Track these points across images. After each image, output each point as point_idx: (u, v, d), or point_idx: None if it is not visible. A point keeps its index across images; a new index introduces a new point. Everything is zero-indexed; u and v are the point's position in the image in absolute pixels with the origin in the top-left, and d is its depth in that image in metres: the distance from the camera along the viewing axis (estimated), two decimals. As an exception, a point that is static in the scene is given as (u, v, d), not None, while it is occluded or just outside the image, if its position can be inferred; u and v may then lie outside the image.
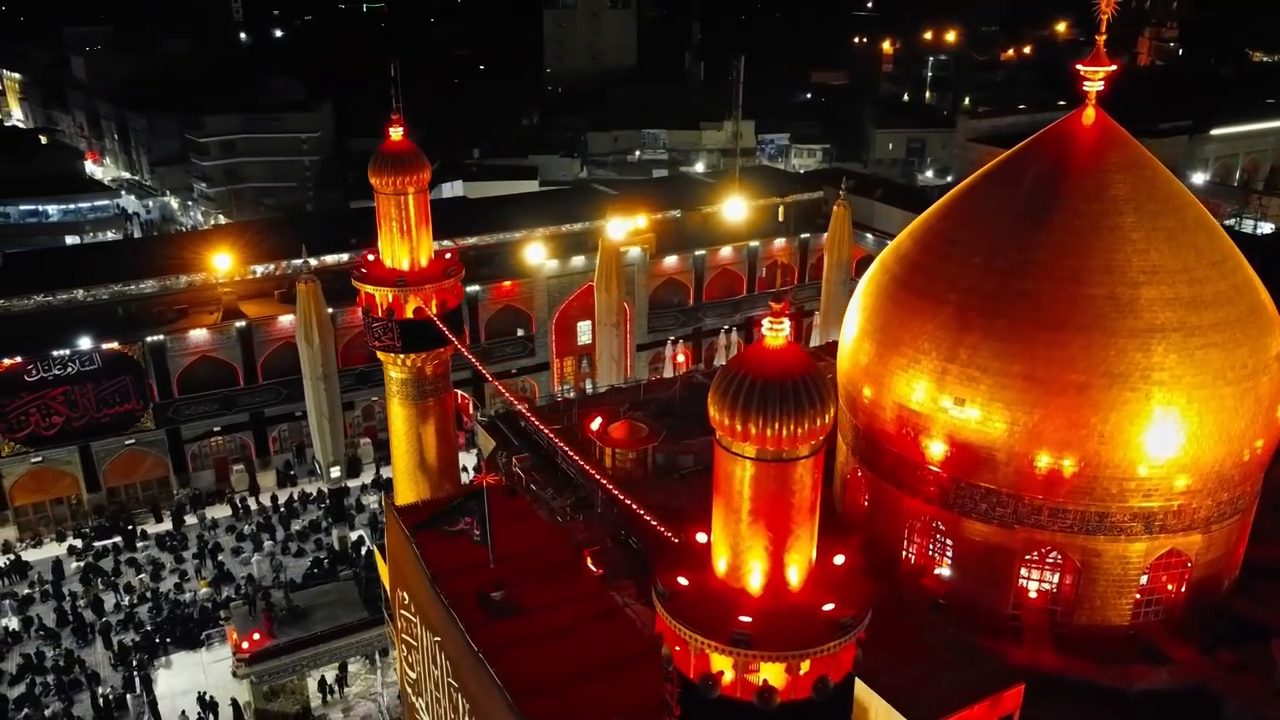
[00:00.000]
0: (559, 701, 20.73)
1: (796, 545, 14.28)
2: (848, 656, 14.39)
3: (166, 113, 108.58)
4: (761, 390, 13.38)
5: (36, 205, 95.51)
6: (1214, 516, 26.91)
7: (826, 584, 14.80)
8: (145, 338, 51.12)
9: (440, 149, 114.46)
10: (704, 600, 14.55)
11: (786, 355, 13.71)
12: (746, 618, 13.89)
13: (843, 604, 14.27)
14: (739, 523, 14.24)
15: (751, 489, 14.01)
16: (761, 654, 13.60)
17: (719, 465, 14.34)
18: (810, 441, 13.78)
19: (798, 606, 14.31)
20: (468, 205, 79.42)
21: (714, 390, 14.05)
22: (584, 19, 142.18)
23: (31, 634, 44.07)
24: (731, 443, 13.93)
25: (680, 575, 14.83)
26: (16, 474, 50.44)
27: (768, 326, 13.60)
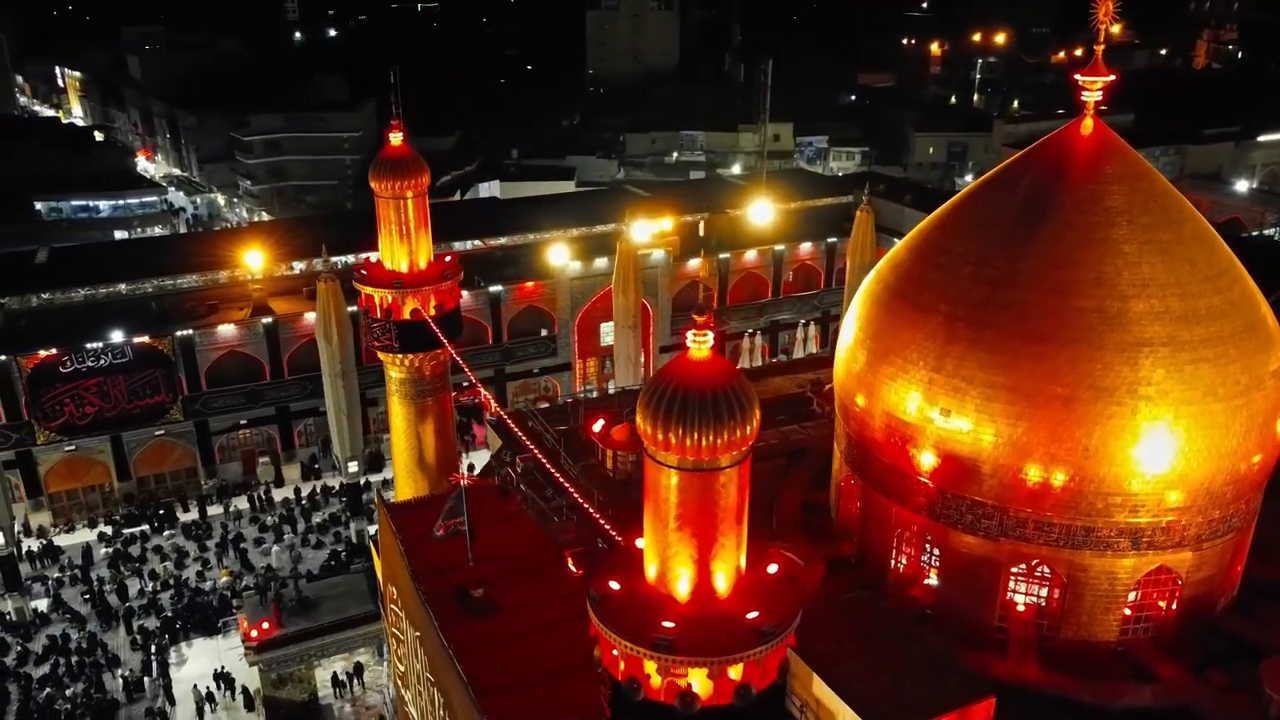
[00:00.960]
0: (523, 700, 21.05)
1: (722, 553, 14.51)
2: (773, 664, 14.56)
3: (214, 111, 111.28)
4: (683, 402, 13.64)
5: (88, 201, 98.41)
6: (1205, 534, 26.50)
7: (755, 592, 14.99)
8: (175, 332, 52.56)
9: (480, 149, 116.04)
10: (633, 605, 14.84)
11: (710, 368, 13.94)
12: (669, 623, 14.15)
13: (768, 613, 14.47)
14: (666, 530, 14.50)
15: (677, 498, 14.27)
16: (681, 659, 13.86)
17: (647, 474, 14.61)
18: (732, 451, 14.00)
19: (723, 614, 14.53)
20: (498, 205, 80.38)
21: (640, 402, 14.33)
22: (626, 20, 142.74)
23: (59, 616, 45.57)
24: (657, 452, 14.19)
25: (612, 580, 15.13)
26: (51, 461, 52.22)
27: (691, 339, 13.85)
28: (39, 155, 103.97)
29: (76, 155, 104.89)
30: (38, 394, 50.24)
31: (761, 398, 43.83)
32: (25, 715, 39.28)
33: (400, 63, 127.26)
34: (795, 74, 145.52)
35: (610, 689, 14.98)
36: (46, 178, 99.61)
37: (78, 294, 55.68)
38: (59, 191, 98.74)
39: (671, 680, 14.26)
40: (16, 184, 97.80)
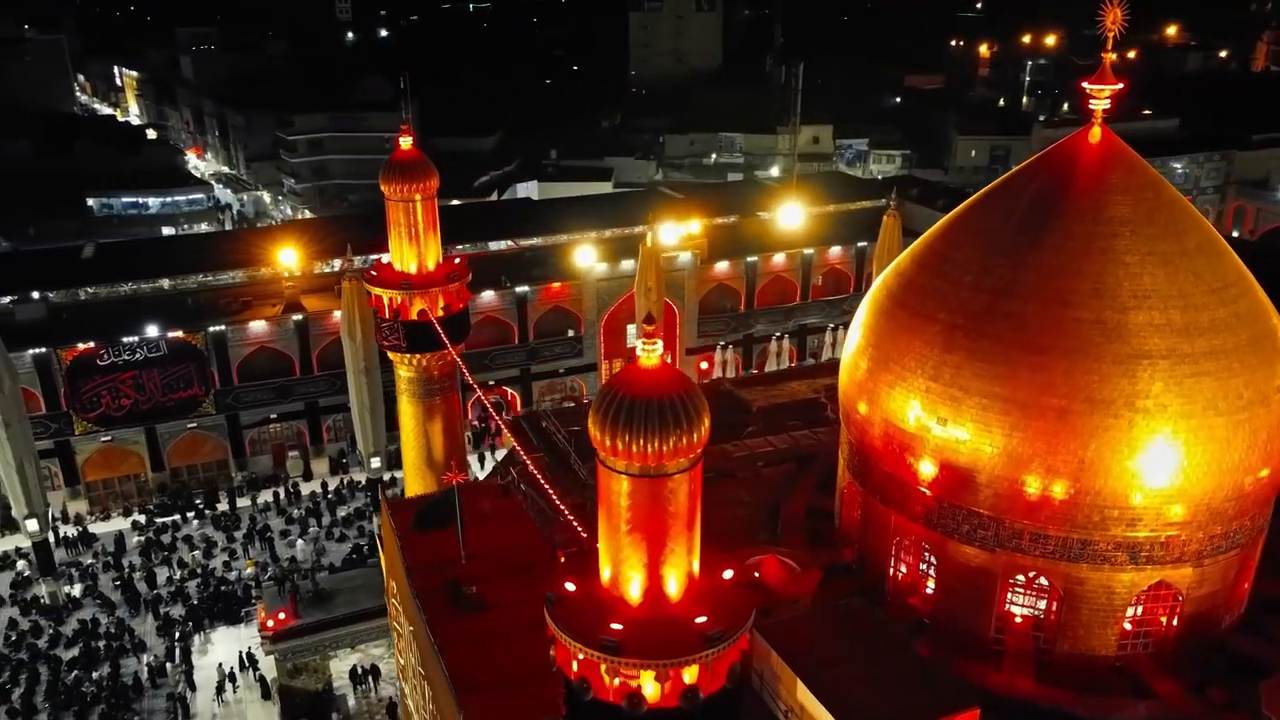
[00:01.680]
0: (502, 699, 21.45)
1: (672, 557, 14.73)
2: (721, 669, 14.75)
3: (261, 111, 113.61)
4: (631, 409, 13.89)
5: (137, 198, 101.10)
6: (1206, 550, 26.10)
7: (707, 597, 15.20)
8: (208, 327, 53.92)
9: (520, 149, 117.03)
10: (587, 606, 15.13)
11: (659, 376, 14.18)
12: (618, 625, 14.42)
13: (717, 618, 14.67)
14: (618, 535, 14.76)
15: (628, 503, 14.52)
16: (626, 661, 14.11)
17: (600, 480, 14.87)
18: (681, 458, 14.23)
19: (672, 617, 14.76)
20: (530, 206, 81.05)
21: (592, 409, 14.60)
22: (669, 21, 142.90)
23: (90, 601, 47.01)
24: (607, 458, 14.46)
25: (569, 581, 15.43)
26: (88, 451, 53.87)
27: (641, 347, 14.10)
28: (93, 153, 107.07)
29: (128, 153, 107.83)
30: (76, 386, 51.87)
31: (776, 402, 43.99)
32: (54, 695, 40.61)
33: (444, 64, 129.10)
34: (840, 76, 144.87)
35: (564, 689, 15.27)
36: (99, 175, 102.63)
37: (117, 289, 57.37)
38: (110, 188, 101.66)
39: (624, 681, 14.51)
40: (71, 181, 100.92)
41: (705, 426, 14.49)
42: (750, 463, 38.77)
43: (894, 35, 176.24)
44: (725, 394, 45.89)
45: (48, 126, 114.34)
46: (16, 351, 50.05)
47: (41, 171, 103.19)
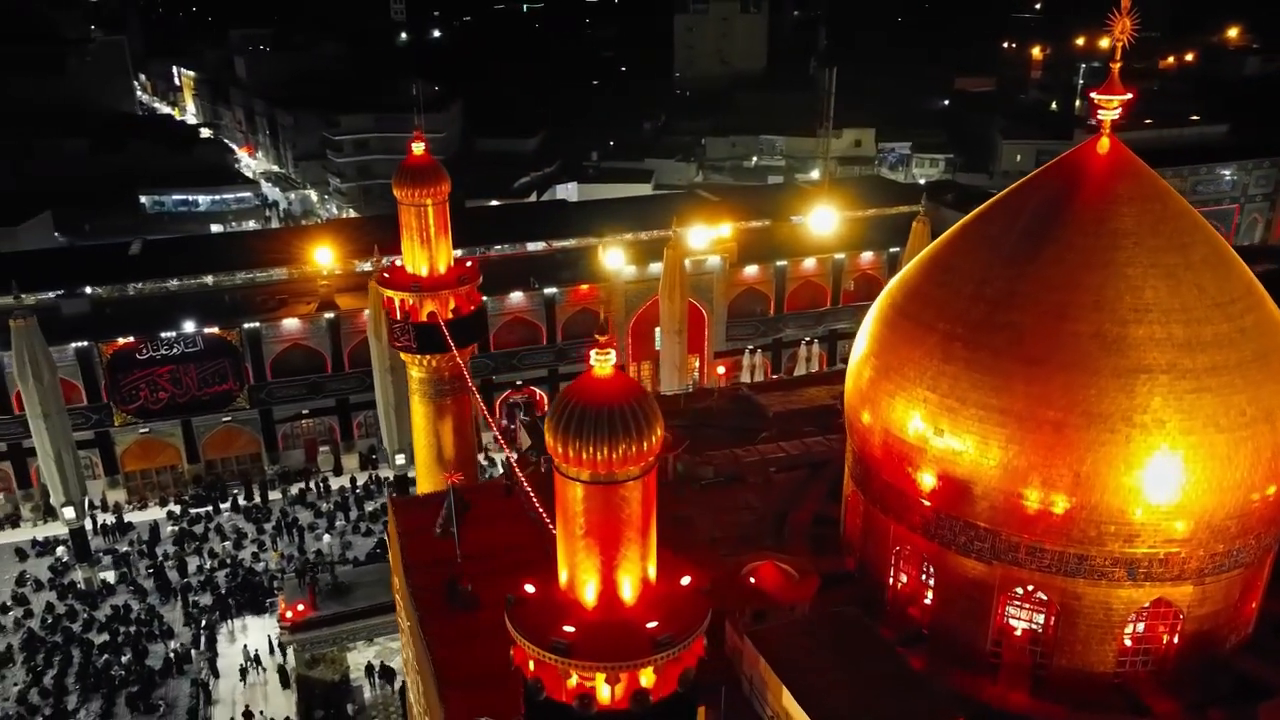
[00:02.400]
0: (485, 696, 21.87)
1: (626, 563, 15.03)
2: (673, 674, 15.02)
3: (310, 111, 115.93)
4: (582, 417, 14.23)
5: (188, 195, 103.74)
6: (1208, 568, 25.68)
7: (662, 603, 15.48)
8: (243, 324, 55.31)
9: (562, 150, 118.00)
10: (545, 609, 15.50)
11: (612, 385, 14.50)
12: (570, 628, 14.77)
13: (668, 623, 14.94)
14: (574, 540, 15.11)
15: (582, 509, 14.85)
16: (573, 662, 14.46)
17: (556, 486, 15.22)
18: (633, 465, 14.52)
19: (624, 622, 15.06)
20: (564, 208, 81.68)
21: (549, 417, 14.95)
22: (714, 23, 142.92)
23: (124, 588, 48.52)
24: (563, 465, 14.81)
25: (529, 584, 15.81)
26: (127, 442, 55.58)
27: (594, 357, 14.42)
28: (146, 151, 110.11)
29: (180, 152, 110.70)
30: (116, 378, 53.56)
31: (793, 407, 43.92)
32: (84, 677, 42.04)
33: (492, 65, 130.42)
34: (888, 78, 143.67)
35: (522, 688, 15.66)
36: (152, 172, 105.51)
37: (160, 285, 59.06)
38: (162, 186, 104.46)
39: (580, 683, 14.85)
40: (125, 178, 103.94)
41: (657, 435, 14.77)
42: (761, 468, 38.85)
43: (946, 36, 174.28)
44: (742, 398, 45.98)
45: (105, 125, 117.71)
46: (60, 345, 51.97)
47: (97, 169, 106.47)
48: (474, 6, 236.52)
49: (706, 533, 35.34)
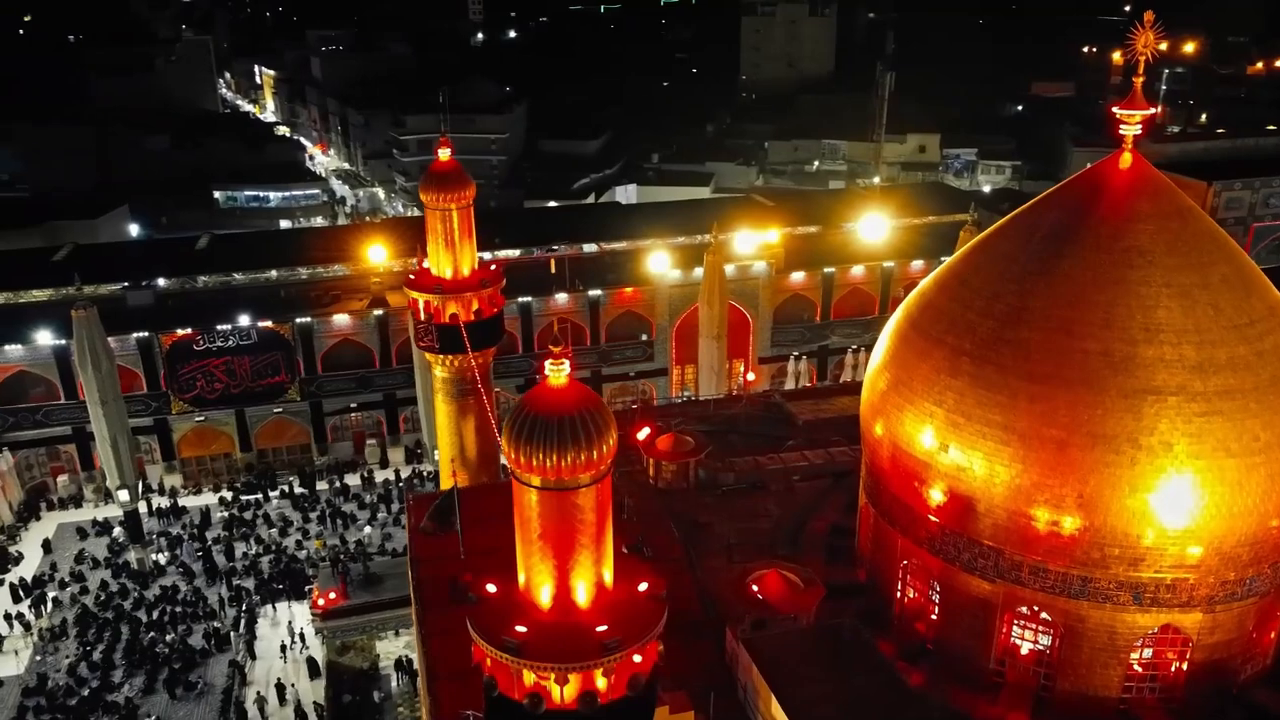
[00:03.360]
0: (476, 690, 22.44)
1: (579, 567, 15.43)
2: (622, 678, 15.38)
3: (379, 111, 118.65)
4: (534, 425, 14.68)
5: (259, 191, 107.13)
6: (1218, 596, 25.09)
7: (616, 608, 15.84)
8: (295, 319, 57.10)
9: (624, 152, 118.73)
10: (504, 609, 15.99)
11: (566, 394, 14.90)
12: (522, 628, 15.23)
13: (618, 628, 15.31)
14: (530, 544, 15.57)
15: (537, 514, 15.30)
16: (523, 662, 14.92)
17: (514, 491, 15.67)
18: (585, 473, 14.90)
19: (576, 624, 15.47)
20: (616, 210, 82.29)
21: (506, 425, 15.42)
22: (782, 26, 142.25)
23: (173, 569, 50.53)
24: (517, 471, 15.28)
25: (491, 584, 16.33)
26: (184, 430, 57.82)
27: (549, 367, 14.86)
28: (222, 148, 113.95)
29: (253, 149, 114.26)
30: (174, 368, 55.78)
31: (823, 416, 43.84)
32: (130, 653, 43.96)
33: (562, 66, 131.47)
34: (959, 82, 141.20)
35: (483, 685, 16.19)
36: (226, 168, 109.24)
37: (219, 279, 61.30)
38: (235, 182, 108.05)
39: (537, 681, 15.32)
40: (201, 174, 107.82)
41: (610, 443, 15.13)
42: (784, 476, 38.88)
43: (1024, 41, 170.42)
44: (773, 406, 45.98)
45: (185, 122, 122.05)
46: (123, 334, 54.38)
47: (176, 165, 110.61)
48: (551, 7, 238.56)
49: (723, 538, 35.62)
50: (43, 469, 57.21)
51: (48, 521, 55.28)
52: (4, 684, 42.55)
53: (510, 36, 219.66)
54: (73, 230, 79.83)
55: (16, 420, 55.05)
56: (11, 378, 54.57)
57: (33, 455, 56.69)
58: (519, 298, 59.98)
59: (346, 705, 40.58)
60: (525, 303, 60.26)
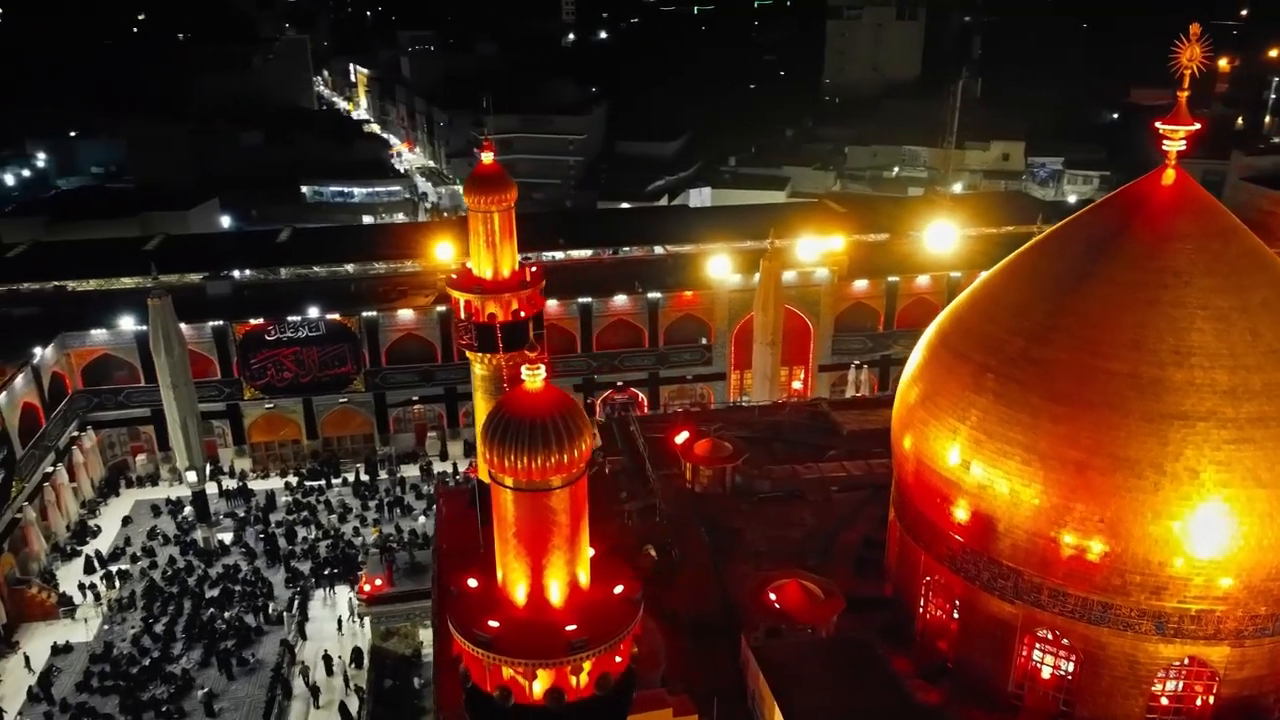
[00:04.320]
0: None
1: (552, 567, 15.84)
2: (590, 678, 15.73)
3: (462, 110, 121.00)
4: (509, 427, 15.15)
5: (344, 187, 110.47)
6: (1247, 630, 24.27)
7: (589, 608, 16.21)
8: (362, 312, 58.90)
9: (703, 155, 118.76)
10: (481, 603, 16.52)
11: (541, 398, 15.32)
12: (495, 623, 15.73)
13: (587, 628, 15.68)
14: (506, 543, 16.06)
15: (513, 514, 15.77)
16: (491, 656, 15.41)
17: (492, 491, 16.16)
18: (559, 475, 15.31)
19: (548, 623, 15.88)
20: (686, 213, 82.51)
21: (483, 427, 15.92)
22: (867, 30, 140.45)
23: (237, 549, 52.63)
24: (494, 472, 15.77)
25: (472, 578, 16.89)
26: (254, 416, 60.14)
27: (525, 372, 15.31)
28: (312, 144, 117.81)
29: (341, 146, 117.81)
30: (246, 357, 58.08)
31: (868, 427, 43.51)
32: (190, 628, 46.03)
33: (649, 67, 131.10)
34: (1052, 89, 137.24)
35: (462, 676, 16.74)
36: (315, 164, 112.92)
37: (296, 271, 63.60)
38: (322, 177, 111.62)
39: (513, 676, 15.80)
40: (291, 169, 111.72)
41: (584, 446, 15.49)
42: (822, 486, 38.74)
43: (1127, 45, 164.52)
44: (819, 415, 45.79)
45: (279, 119, 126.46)
46: (200, 322, 56.94)
47: (268, 160, 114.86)
48: (643, 8, 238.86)
49: (753, 545, 35.70)
50: (123, 448, 60.21)
51: (126, 498, 58.15)
52: (74, 649, 44.98)
53: (601, 37, 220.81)
54: (165, 221, 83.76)
55: (100, 401, 58.08)
56: (97, 360, 57.58)
57: (114, 435, 59.71)
58: (579, 298, 60.79)
59: (388, 689, 41.79)
60: (585, 303, 60.99)
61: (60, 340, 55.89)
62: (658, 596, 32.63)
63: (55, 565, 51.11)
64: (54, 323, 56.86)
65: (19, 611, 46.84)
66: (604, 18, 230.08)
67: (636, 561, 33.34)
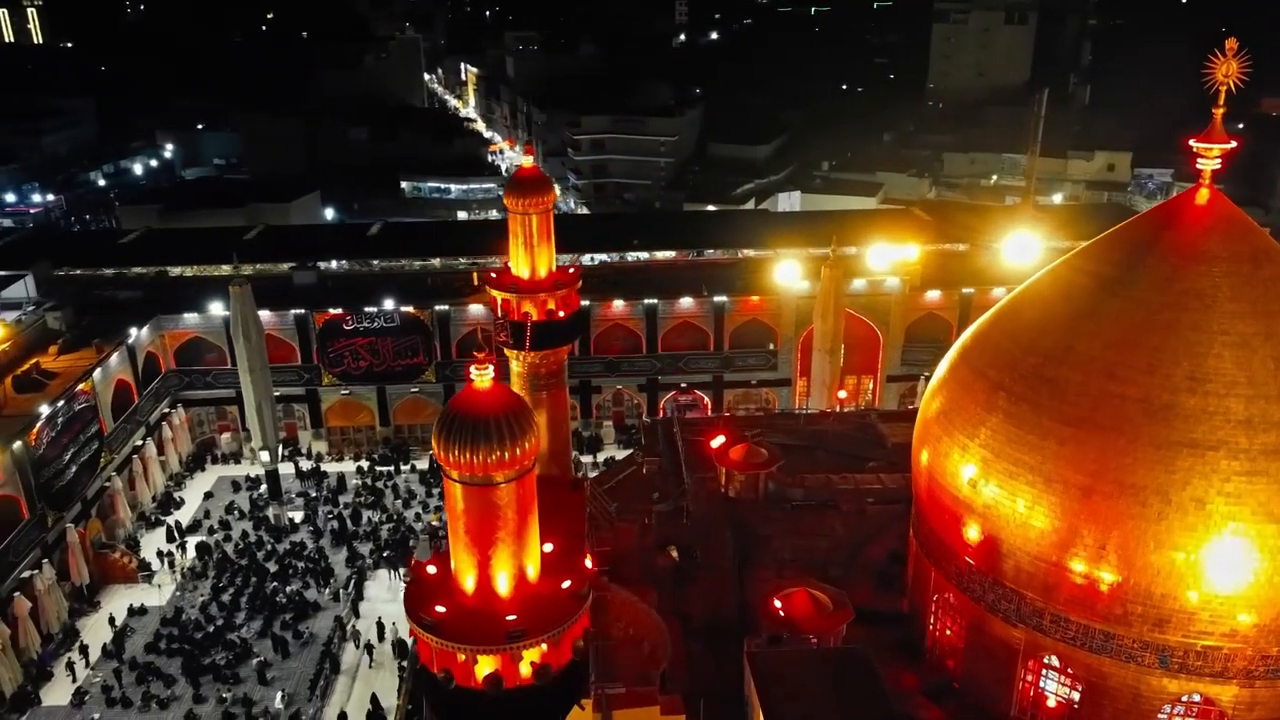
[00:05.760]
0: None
1: (498, 558, 16.52)
2: (532, 669, 16.38)
3: (559, 110, 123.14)
4: (456, 424, 15.90)
5: (441, 183, 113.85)
6: (1258, 670, 23.33)
7: (534, 601, 16.85)
8: (434, 306, 60.88)
9: (797, 158, 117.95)
10: (438, 590, 17.34)
11: (489, 397, 16.02)
12: (442, 608, 16.53)
13: (526, 619, 16.32)
14: (457, 534, 16.83)
15: (462, 507, 16.52)
16: (437, 640, 16.20)
17: (444, 486, 16.93)
18: (502, 470, 15.98)
19: (491, 611, 16.58)
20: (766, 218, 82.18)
21: (435, 424, 16.71)
22: (974, 34, 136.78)
23: (305, 528, 55.14)
24: (445, 467, 16.56)
25: (431, 565, 17.73)
26: (331, 401, 62.83)
27: (474, 372, 16.02)
28: (414, 140, 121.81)
29: (441, 143, 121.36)
30: (325, 345, 60.75)
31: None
32: (254, 599, 48.54)
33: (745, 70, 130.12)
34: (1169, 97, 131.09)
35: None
36: (415, 160, 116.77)
37: (381, 264, 66.01)
38: (421, 173, 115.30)
39: (442, 658, 16.59)
40: (393, 164, 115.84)
41: (529, 444, 16.11)
42: (857, 497, 38.45)
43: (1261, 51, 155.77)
44: (867, 426, 45.30)
45: (385, 115, 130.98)
46: (283, 310, 59.84)
47: (372, 154, 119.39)
48: (757, 9, 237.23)
49: (778, 553, 35.71)
50: (210, 426, 63.67)
51: (211, 473, 61.52)
52: (148, 612, 47.98)
53: (712, 38, 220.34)
54: (268, 212, 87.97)
55: (190, 381, 61.62)
56: (189, 342, 61.12)
57: (203, 413, 63.22)
58: (645, 299, 61.48)
59: (427, 670, 43.26)
60: (651, 304, 61.64)
61: (156, 322, 59.53)
62: (675, 597, 33.28)
63: (140, 533, 54.47)
64: (153, 306, 60.64)
65: (103, 574, 50.17)
66: (716, 19, 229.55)
67: (656, 561, 34.03)
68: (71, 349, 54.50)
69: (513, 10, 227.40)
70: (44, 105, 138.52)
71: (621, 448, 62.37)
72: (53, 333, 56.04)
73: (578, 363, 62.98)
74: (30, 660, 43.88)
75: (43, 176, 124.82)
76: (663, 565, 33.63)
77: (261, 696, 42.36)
